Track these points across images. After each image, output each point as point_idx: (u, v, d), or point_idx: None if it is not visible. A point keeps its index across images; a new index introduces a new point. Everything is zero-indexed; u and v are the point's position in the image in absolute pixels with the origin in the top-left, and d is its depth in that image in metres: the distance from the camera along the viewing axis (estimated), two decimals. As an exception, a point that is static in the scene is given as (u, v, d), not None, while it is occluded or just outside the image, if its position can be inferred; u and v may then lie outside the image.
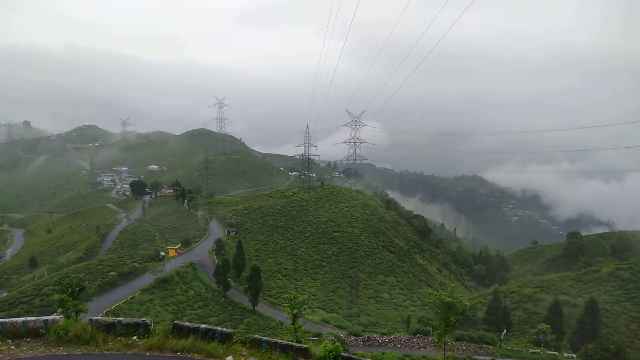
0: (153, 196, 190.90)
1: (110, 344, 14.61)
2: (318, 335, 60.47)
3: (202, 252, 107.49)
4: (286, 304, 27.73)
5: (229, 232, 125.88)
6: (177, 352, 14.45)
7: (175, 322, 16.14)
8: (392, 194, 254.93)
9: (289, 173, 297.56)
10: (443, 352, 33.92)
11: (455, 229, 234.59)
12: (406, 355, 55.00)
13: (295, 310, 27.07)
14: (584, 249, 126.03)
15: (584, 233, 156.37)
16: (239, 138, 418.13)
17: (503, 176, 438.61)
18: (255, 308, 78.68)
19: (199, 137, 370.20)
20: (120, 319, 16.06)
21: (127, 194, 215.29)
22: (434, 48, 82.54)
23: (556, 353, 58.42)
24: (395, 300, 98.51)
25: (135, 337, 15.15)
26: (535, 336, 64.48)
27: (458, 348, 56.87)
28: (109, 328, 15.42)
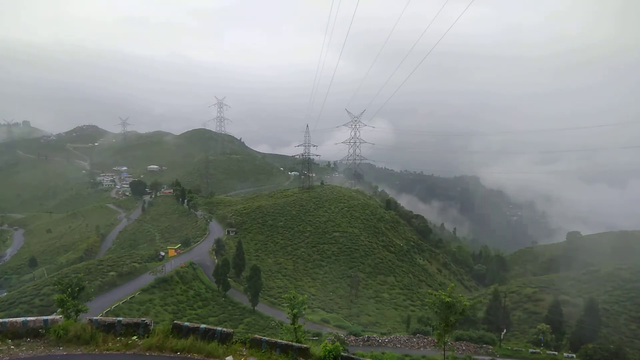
0: (153, 196, 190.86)
1: (110, 344, 14.62)
2: (318, 335, 60.47)
3: (202, 252, 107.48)
4: (286, 304, 27.77)
5: (228, 232, 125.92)
6: (177, 352, 14.46)
7: (175, 322, 16.16)
8: (392, 194, 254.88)
9: (289, 173, 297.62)
10: (443, 352, 33.96)
11: (455, 229, 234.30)
12: (406, 355, 55.04)
13: (295, 310, 27.11)
14: (584, 249, 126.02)
15: (584, 233, 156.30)
16: (238, 138, 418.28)
17: (503, 176, 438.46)
18: (255, 308, 78.70)
19: (199, 137, 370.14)
20: (120, 318, 16.06)
21: (127, 194, 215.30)
22: (435, 46, 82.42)
23: (556, 353, 58.42)
24: (395, 300, 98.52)
25: (135, 337, 15.16)
26: (535, 336, 64.46)
27: (458, 348, 56.92)
28: (108, 328, 15.43)
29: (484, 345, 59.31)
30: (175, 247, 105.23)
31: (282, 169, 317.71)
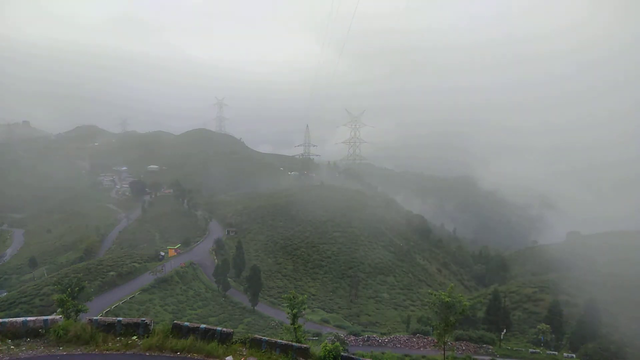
0: (153, 196, 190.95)
1: (110, 344, 14.62)
2: (318, 335, 60.52)
3: (202, 252, 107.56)
4: (286, 304, 27.80)
5: (228, 232, 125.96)
6: (177, 352, 14.47)
7: (175, 322, 16.17)
8: (392, 194, 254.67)
9: (289, 173, 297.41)
10: (443, 352, 33.99)
11: (455, 229, 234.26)
12: (406, 355, 55.03)
13: (295, 310, 27.16)
14: (584, 249, 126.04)
15: (584, 233, 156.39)
16: (238, 138, 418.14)
17: (503, 176, 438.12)
18: (255, 308, 78.72)
19: (199, 137, 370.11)
20: (120, 318, 16.07)
21: (127, 194, 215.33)
22: (435, 46, 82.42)
23: (556, 353, 58.44)
24: (395, 300, 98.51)
25: (135, 337, 15.17)
26: (535, 336, 64.53)
27: (458, 348, 56.88)
28: (108, 328, 15.43)
29: (484, 345, 59.30)
30: (175, 247, 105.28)
31: (282, 169, 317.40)
